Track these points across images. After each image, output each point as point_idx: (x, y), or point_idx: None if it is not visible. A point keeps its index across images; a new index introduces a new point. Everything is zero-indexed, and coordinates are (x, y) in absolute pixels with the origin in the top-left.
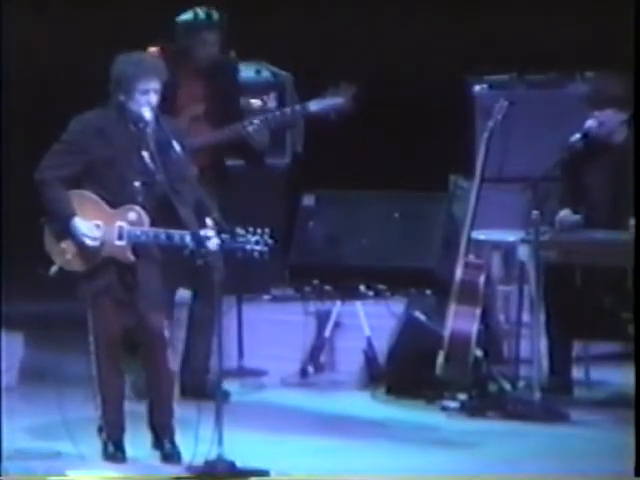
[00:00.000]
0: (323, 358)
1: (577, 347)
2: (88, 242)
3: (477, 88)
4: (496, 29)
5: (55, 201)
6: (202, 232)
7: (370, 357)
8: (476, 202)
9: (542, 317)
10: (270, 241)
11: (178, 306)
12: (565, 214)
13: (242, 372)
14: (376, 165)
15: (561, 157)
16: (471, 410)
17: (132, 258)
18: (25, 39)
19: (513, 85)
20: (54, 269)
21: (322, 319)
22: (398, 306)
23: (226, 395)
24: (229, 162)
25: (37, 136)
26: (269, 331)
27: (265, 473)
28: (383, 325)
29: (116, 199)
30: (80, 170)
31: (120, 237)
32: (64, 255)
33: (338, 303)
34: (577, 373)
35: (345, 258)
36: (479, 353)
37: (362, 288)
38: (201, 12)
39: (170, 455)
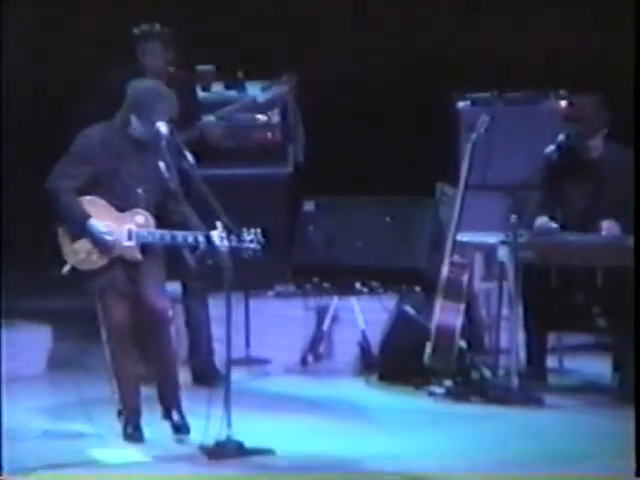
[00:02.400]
0: (322, 349)
1: (551, 339)
2: (107, 238)
3: (461, 104)
4: (479, 51)
5: (69, 206)
6: (200, 233)
7: (364, 348)
8: (460, 207)
9: (520, 311)
10: (262, 240)
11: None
12: (543, 221)
13: (249, 361)
14: (370, 173)
15: (538, 166)
16: (456, 395)
17: (140, 257)
18: (25, 39)
19: (493, 102)
20: (67, 268)
21: (321, 313)
22: (390, 302)
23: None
24: (236, 171)
25: (38, 137)
26: (273, 324)
27: (271, 452)
28: (376, 319)
29: (122, 204)
30: (89, 180)
31: (129, 238)
32: (77, 255)
33: (335, 299)
34: (551, 362)
35: (342, 258)
36: (463, 344)
37: (357, 285)
38: (144, 26)
39: (179, 425)
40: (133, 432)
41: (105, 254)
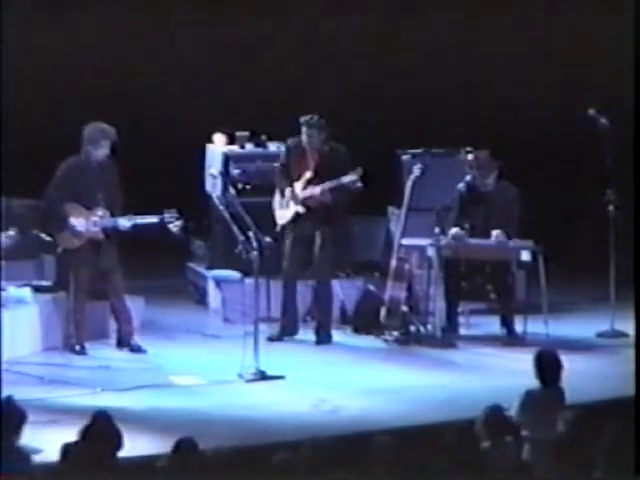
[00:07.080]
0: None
1: (461, 305)
2: (79, 229)
3: (405, 157)
4: (416, 126)
5: (57, 213)
6: (125, 219)
7: (343, 311)
8: (404, 222)
9: (441, 288)
10: (180, 220)
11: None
12: (456, 231)
13: (269, 319)
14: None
15: (453, 196)
16: (400, 341)
17: (102, 236)
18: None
19: (425, 155)
20: (59, 249)
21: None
22: (359, 282)
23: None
24: (262, 199)
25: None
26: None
27: (283, 377)
28: (351, 293)
29: (88, 204)
30: (69, 191)
31: (95, 225)
32: (64, 240)
33: None
34: (461, 320)
35: None
36: (405, 309)
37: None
38: (309, 117)
39: (137, 348)
40: (80, 349)
41: (78, 239)
